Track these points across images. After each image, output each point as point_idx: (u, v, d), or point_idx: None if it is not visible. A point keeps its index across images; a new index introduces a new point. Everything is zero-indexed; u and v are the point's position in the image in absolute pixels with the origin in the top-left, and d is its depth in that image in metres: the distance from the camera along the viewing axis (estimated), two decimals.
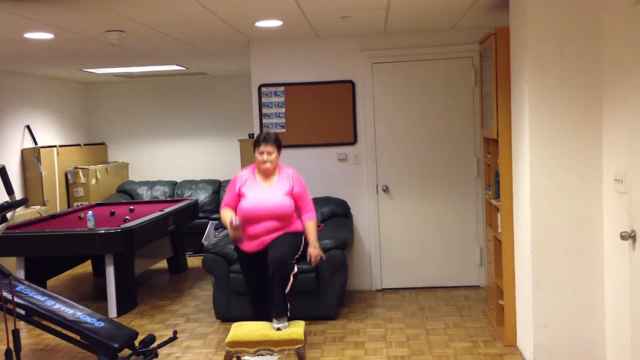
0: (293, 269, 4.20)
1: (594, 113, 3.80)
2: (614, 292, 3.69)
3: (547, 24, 3.81)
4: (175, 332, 4.40)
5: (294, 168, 4.58)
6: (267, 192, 4.31)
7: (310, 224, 4.39)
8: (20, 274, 5.71)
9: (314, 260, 4.33)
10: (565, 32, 3.80)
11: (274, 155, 4.32)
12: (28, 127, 8.09)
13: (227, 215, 4.29)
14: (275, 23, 5.20)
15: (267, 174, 4.36)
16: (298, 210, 4.42)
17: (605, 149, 3.76)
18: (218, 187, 8.95)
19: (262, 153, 4.31)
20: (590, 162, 3.82)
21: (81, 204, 8.21)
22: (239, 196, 4.34)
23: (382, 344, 4.72)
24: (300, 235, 4.39)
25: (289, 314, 4.13)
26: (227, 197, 4.41)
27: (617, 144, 3.55)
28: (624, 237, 3.23)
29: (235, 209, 4.35)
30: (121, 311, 5.69)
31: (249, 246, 4.33)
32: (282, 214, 4.28)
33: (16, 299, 4.13)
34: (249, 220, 4.27)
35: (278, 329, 4.00)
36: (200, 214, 8.32)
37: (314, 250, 4.31)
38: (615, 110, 3.57)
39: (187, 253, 7.89)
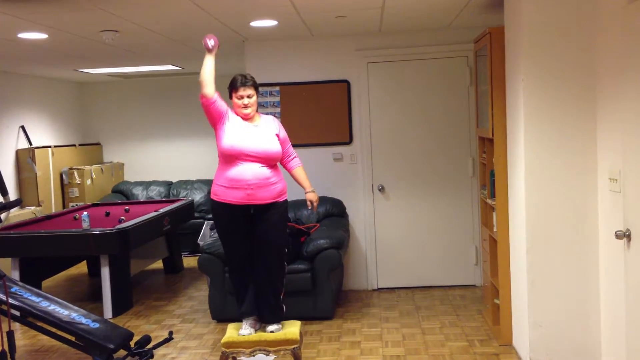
0: (284, 272, 4.13)
1: (589, 112, 3.81)
2: (609, 291, 3.70)
3: (542, 23, 3.82)
4: (170, 333, 4.39)
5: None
6: (254, 132, 3.96)
7: (300, 170, 4.17)
8: (15, 275, 5.69)
9: (315, 205, 4.16)
10: (559, 31, 3.81)
11: (254, 99, 4.00)
12: (22, 127, 8.06)
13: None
14: (270, 23, 5.20)
15: (247, 119, 4.03)
16: (283, 156, 4.12)
17: (600, 148, 3.76)
18: None
19: (241, 97, 3.97)
20: (585, 161, 3.83)
21: (76, 205, 8.19)
22: (221, 116, 3.98)
23: (378, 343, 4.72)
24: (285, 206, 4.07)
25: (283, 317, 4.12)
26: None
27: (611, 142, 3.56)
28: (618, 236, 3.24)
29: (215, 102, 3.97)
30: (116, 312, 5.68)
31: (232, 196, 3.89)
32: (271, 156, 3.93)
33: (11, 300, 4.11)
34: (234, 159, 3.87)
35: (272, 331, 4.00)
36: (196, 214, 8.30)
37: (312, 195, 4.15)
38: (610, 109, 3.58)
39: (182, 253, 7.87)
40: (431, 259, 6.20)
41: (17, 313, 4.27)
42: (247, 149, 3.88)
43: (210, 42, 3.99)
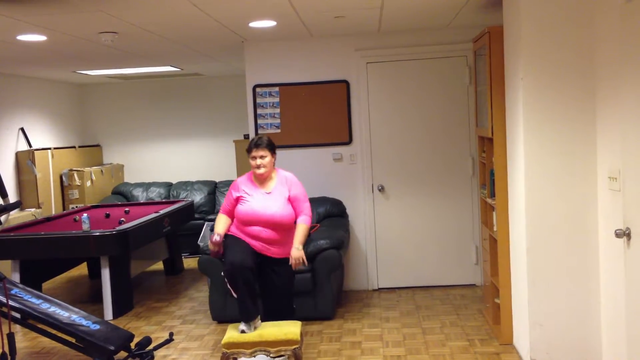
0: (293, 311, 4.50)
1: (588, 110, 3.81)
2: (609, 290, 3.70)
3: (541, 22, 3.82)
4: (171, 334, 4.39)
5: (293, 173, 4.53)
6: (266, 199, 4.26)
7: (301, 226, 4.30)
8: (16, 277, 5.69)
9: (294, 263, 4.25)
10: (558, 30, 3.81)
11: (267, 159, 4.26)
12: (22, 129, 8.06)
13: (216, 226, 4.32)
14: (269, 23, 5.20)
15: (263, 180, 4.32)
16: (295, 213, 4.36)
17: (599, 147, 3.76)
18: (214, 188, 8.94)
19: (254, 158, 4.26)
20: (585, 159, 3.83)
21: (76, 206, 8.19)
22: (237, 202, 4.30)
23: (378, 343, 4.72)
24: None
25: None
26: (225, 203, 4.41)
27: (611, 141, 3.56)
28: (618, 234, 3.24)
29: (232, 215, 4.35)
30: (117, 313, 5.67)
31: (250, 243, 4.28)
32: (282, 224, 4.23)
33: (11, 302, 4.11)
34: (248, 224, 4.24)
35: None
36: (196, 215, 8.31)
37: (295, 252, 4.25)
38: (609, 108, 3.58)
39: (182, 254, 7.88)
40: (431, 258, 6.19)
41: (18, 315, 4.27)
42: (257, 218, 4.21)
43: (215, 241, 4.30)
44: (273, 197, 4.26)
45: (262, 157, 4.24)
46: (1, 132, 7.68)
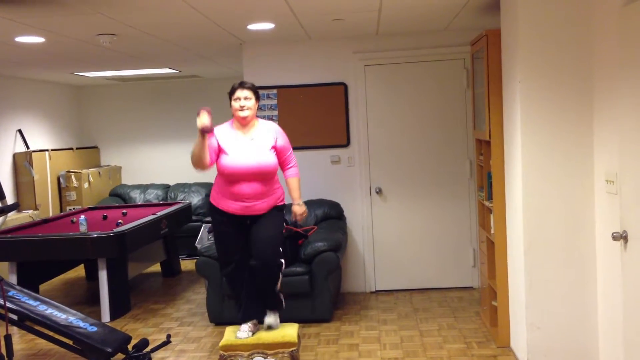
0: (281, 267, 4.16)
1: (585, 113, 3.82)
2: (607, 292, 3.70)
3: (538, 25, 3.83)
4: (168, 336, 4.39)
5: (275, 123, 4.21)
6: (249, 147, 3.99)
7: (293, 181, 4.18)
8: (13, 279, 5.68)
9: (300, 218, 4.20)
10: (556, 34, 3.82)
11: (251, 102, 4.01)
12: (20, 131, 8.06)
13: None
14: (267, 25, 5.20)
15: (245, 125, 4.04)
16: (280, 165, 4.14)
17: (596, 150, 3.77)
18: (211, 190, 8.92)
19: (238, 99, 3.99)
20: (582, 162, 3.84)
21: (73, 208, 8.18)
22: (219, 151, 4.02)
23: (376, 345, 4.72)
24: (282, 209, 4.21)
25: (284, 306, 4.20)
26: None
27: (608, 144, 3.57)
28: (615, 237, 3.24)
29: (214, 163, 4.05)
30: (114, 315, 5.67)
31: (231, 207, 4.06)
32: (267, 172, 3.99)
33: (8, 304, 4.11)
34: (232, 179, 3.98)
35: (269, 325, 4.08)
36: (194, 217, 8.29)
37: (298, 208, 4.20)
38: (606, 111, 3.59)
39: (180, 256, 7.87)
40: (429, 261, 6.20)
41: (15, 317, 4.26)
42: (243, 170, 3.94)
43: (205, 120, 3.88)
44: (257, 144, 3.99)
45: (246, 98, 3.99)
46: None
